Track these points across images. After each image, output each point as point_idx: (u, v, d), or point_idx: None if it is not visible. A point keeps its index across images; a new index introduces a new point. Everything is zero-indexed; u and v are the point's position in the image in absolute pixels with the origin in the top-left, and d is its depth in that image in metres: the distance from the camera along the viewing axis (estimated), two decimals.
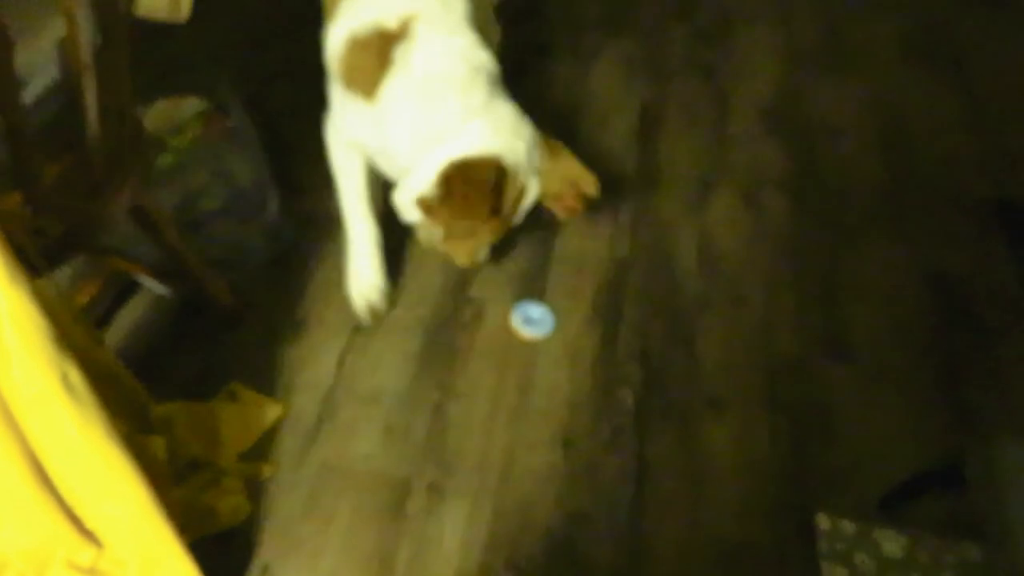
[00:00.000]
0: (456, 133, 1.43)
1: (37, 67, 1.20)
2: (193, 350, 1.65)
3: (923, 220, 2.03)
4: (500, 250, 1.83)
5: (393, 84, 1.45)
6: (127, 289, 1.73)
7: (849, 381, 1.67)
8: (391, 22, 1.45)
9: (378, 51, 1.45)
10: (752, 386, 1.66)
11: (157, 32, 1.38)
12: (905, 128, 2.30)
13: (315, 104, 2.17)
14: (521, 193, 1.50)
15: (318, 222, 1.89)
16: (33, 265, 1.10)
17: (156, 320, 1.68)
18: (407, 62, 1.44)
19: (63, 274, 1.63)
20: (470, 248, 1.55)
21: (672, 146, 2.17)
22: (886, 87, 2.44)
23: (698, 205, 2.02)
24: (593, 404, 1.61)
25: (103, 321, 1.66)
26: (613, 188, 2.04)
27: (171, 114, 1.64)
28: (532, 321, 1.72)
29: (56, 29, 1.20)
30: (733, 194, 2.05)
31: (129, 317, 1.69)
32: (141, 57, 1.28)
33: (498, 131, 1.45)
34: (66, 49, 1.11)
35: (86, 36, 1.09)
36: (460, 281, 1.82)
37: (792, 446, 1.57)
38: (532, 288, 1.81)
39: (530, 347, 1.70)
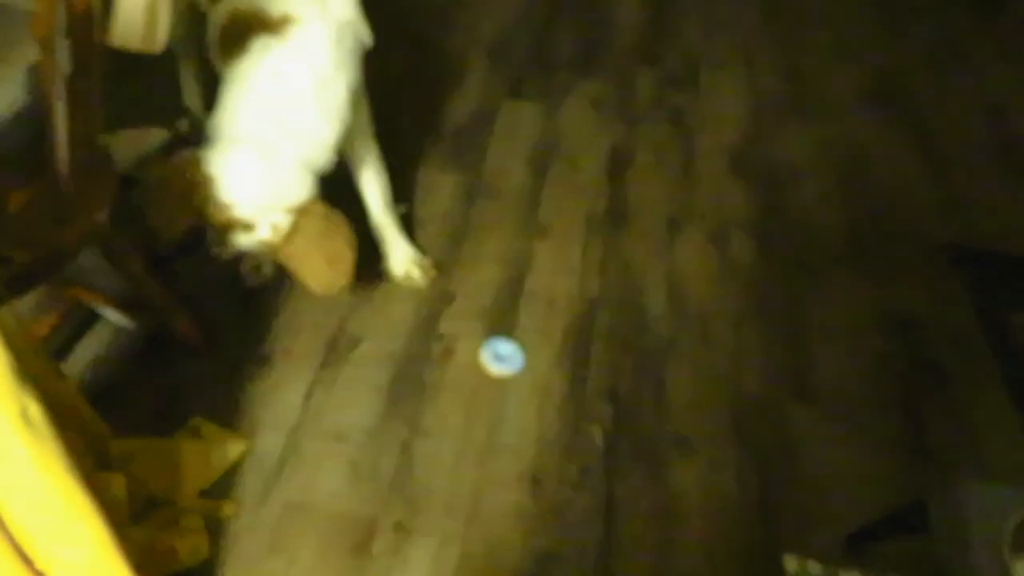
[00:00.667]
0: None
1: (5, 93, 1.18)
2: (155, 383, 1.61)
3: (884, 262, 2.07)
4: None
5: None
6: (88, 319, 1.69)
7: (814, 421, 1.69)
8: None
9: None
10: (719, 425, 1.67)
11: (126, 61, 1.37)
12: (865, 171, 2.36)
13: None
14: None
15: None
16: None
17: (118, 352, 1.64)
18: None
19: (24, 302, 1.59)
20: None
21: (641, 187, 2.20)
22: (846, 131, 2.51)
23: (666, 245, 2.04)
24: (562, 442, 1.61)
25: (63, 351, 1.62)
26: (584, 227, 2.06)
27: (137, 144, 1.62)
28: (502, 358, 1.72)
29: (26, 54, 1.19)
30: (701, 235, 2.08)
31: (90, 348, 1.65)
32: (109, 86, 1.27)
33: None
34: (38, 76, 1.09)
35: (59, 64, 1.08)
36: (430, 316, 1.81)
37: (759, 486, 1.57)
38: (502, 324, 1.81)
39: (499, 384, 1.69)
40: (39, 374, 1.04)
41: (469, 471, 1.54)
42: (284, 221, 1.39)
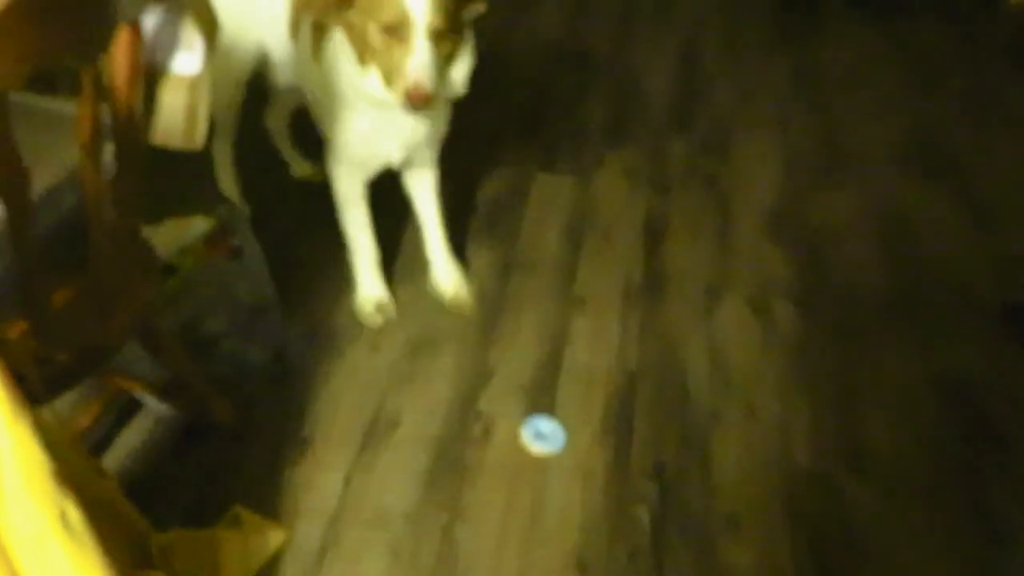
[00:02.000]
0: None
1: (49, 194, 1.21)
2: (195, 471, 1.60)
3: (934, 324, 2.02)
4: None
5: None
6: (128, 407, 1.70)
7: (870, 495, 1.62)
8: None
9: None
10: (771, 502, 1.61)
11: (168, 156, 1.40)
12: (907, 231, 2.32)
13: (319, 220, 2.20)
14: None
15: (324, 338, 1.87)
16: (34, 394, 1.08)
17: (158, 440, 1.64)
18: None
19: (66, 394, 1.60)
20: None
21: (677, 255, 2.18)
22: (884, 191, 2.48)
23: (706, 314, 2.01)
24: (608, 524, 1.56)
25: (104, 442, 1.62)
26: (621, 298, 2.04)
27: (179, 234, 1.65)
28: (543, 436, 1.69)
29: (69, 157, 1.22)
30: (740, 302, 2.04)
31: (131, 437, 1.65)
32: (151, 181, 1.30)
33: None
34: (80, 177, 1.12)
35: (100, 165, 1.10)
36: (469, 394, 1.79)
37: (815, 567, 1.50)
38: (541, 401, 1.78)
39: (541, 464, 1.65)
40: (79, 474, 1.04)
41: (512, 558, 1.50)
42: None
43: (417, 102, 1.49)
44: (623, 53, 3.17)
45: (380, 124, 1.71)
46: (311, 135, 2.28)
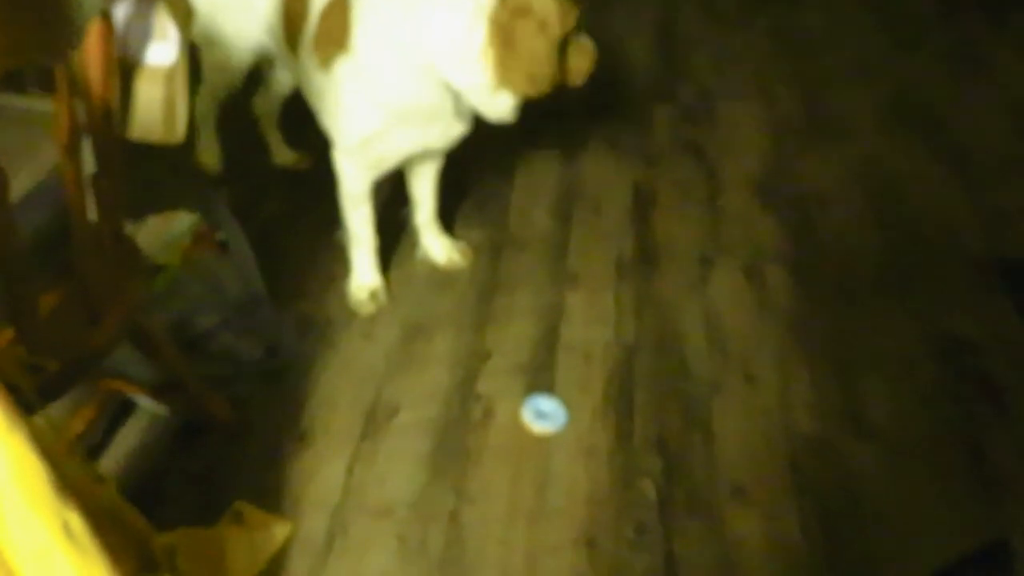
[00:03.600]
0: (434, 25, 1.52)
1: (28, 197, 1.18)
2: (194, 470, 1.58)
3: (926, 283, 2.02)
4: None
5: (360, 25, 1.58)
6: (123, 409, 1.67)
7: (874, 458, 1.62)
8: None
9: (340, 8, 1.61)
10: (775, 470, 1.61)
11: (147, 150, 1.37)
12: (895, 191, 2.31)
13: (306, 209, 2.17)
14: None
15: (317, 327, 1.85)
16: (28, 403, 1.05)
17: (155, 441, 1.61)
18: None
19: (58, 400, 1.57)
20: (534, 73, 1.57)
21: (668, 225, 2.17)
22: (871, 152, 2.47)
23: (700, 283, 2.00)
24: (614, 499, 1.55)
25: (100, 446, 1.59)
26: (614, 272, 2.03)
27: (162, 231, 1.62)
28: (544, 415, 1.68)
29: (47, 156, 1.18)
30: (734, 270, 2.03)
31: (127, 439, 1.62)
32: (132, 176, 1.26)
33: None
34: (60, 178, 1.09)
35: (80, 164, 1.07)
36: (467, 377, 1.77)
37: (823, 532, 1.50)
38: (540, 380, 1.77)
39: (544, 443, 1.65)
40: (78, 482, 1.01)
41: (520, 538, 1.49)
42: None
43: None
44: (600, 26, 3.10)
45: (412, 128, 1.68)
46: (294, 121, 2.25)
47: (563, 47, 1.57)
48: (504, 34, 1.50)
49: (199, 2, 1.83)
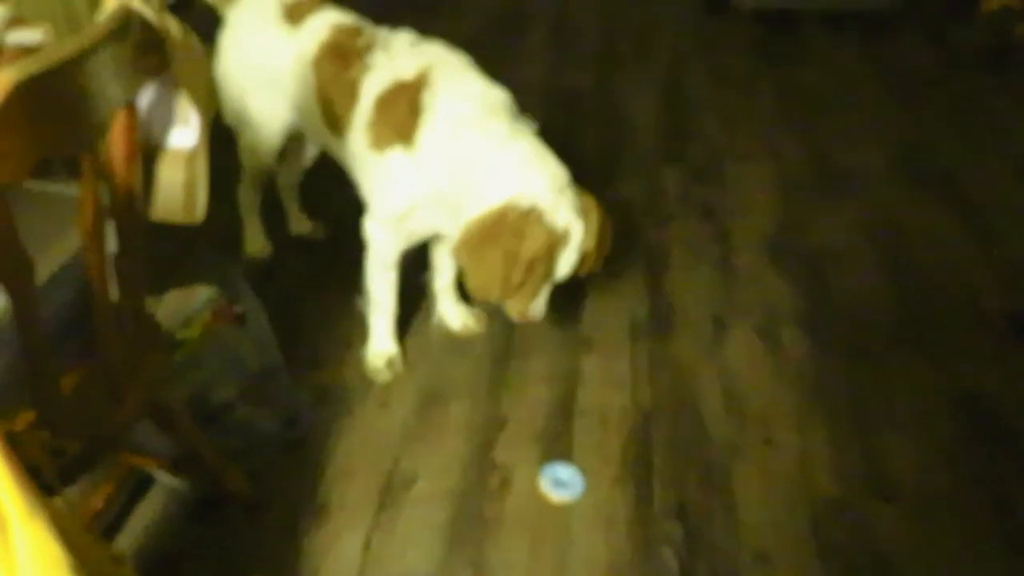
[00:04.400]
0: (482, 175, 1.55)
1: (52, 279, 1.20)
2: (212, 544, 1.57)
3: (944, 339, 2.01)
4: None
5: (429, 127, 1.59)
6: (140, 485, 1.67)
7: (897, 517, 1.59)
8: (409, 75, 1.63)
9: (407, 101, 1.61)
10: (798, 534, 1.58)
11: (164, 225, 1.40)
12: (907, 246, 2.32)
13: (326, 275, 2.20)
14: (559, 236, 1.55)
15: (334, 397, 1.86)
16: (48, 485, 1.06)
17: (172, 516, 1.61)
18: (434, 106, 1.59)
19: None
20: (520, 303, 1.63)
21: (681, 287, 2.18)
22: (881, 208, 2.48)
23: (715, 345, 1.99)
24: (635, 569, 1.53)
25: (118, 520, 1.59)
26: (628, 335, 2.03)
27: (182, 305, 1.64)
28: (562, 484, 1.66)
29: (70, 239, 1.21)
30: (748, 331, 2.03)
31: (144, 514, 1.62)
32: (151, 251, 1.29)
33: (521, 168, 1.56)
34: (83, 260, 1.11)
35: (103, 247, 1.10)
36: (484, 445, 1.76)
37: None
38: (557, 447, 1.76)
39: (562, 512, 1.63)
40: (96, 564, 1.01)
41: None
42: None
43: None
44: (608, 91, 3.20)
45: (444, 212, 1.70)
46: (309, 192, 2.30)
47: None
48: (474, 245, 1.55)
49: (228, 87, 1.90)
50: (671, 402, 1.85)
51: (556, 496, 1.65)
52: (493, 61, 1.80)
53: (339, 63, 1.71)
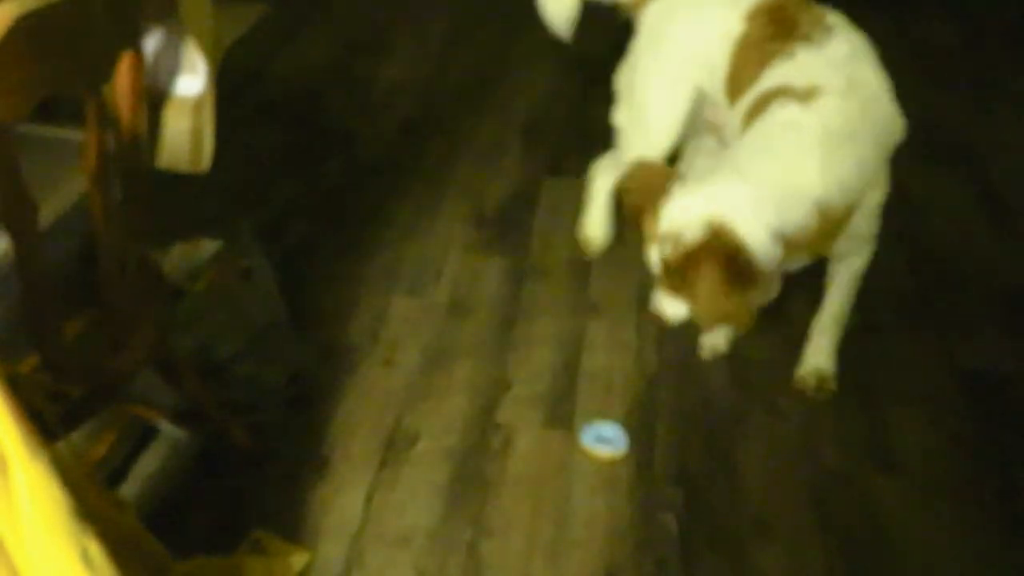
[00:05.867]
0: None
1: (56, 224, 1.20)
2: (214, 496, 1.58)
3: (956, 316, 1.98)
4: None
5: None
6: (144, 434, 1.68)
7: (900, 494, 1.59)
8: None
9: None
10: (799, 504, 1.58)
11: (172, 177, 1.39)
12: (922, 222, 2.29)
13: (329, 235, 2.19)
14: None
15: (339, 354, 1.86)
16: (50, 430, 1.06)
17: (175, 467, 1.62)
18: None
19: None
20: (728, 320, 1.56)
21: None
22: (895, 180, 2.43)
23: None
24: (635, 532, 1.53)
25: (121, 470, 1.60)
26: (636, 301, 2.02)
27: (188, 258, 1.64)
28: (606, 440, 1.67)
29: (76, 184, 1.20)
30: None
31: (147, 465, 1.63)
32: (158, 203, 1.28)
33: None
34: (87, 206, 1.10)
35: (108, 193, 1.09)
36: (487, 406, 1.76)
37: (847, 568, 1.47)
38: (561, 410, 1.75)
39: (563, 473, 1.63)
40: (98, 509, 1.02)
41: (539, 571, 1.47)
42: None
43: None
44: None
45: None
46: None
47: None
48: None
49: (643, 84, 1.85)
50: (676, 369, 1.84)
51: (601, 452, 1.65)
52: (506, 24, 1.77)
53: (775, 28, 1.61)
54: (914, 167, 2.49)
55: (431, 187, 2.41)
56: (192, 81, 1.22)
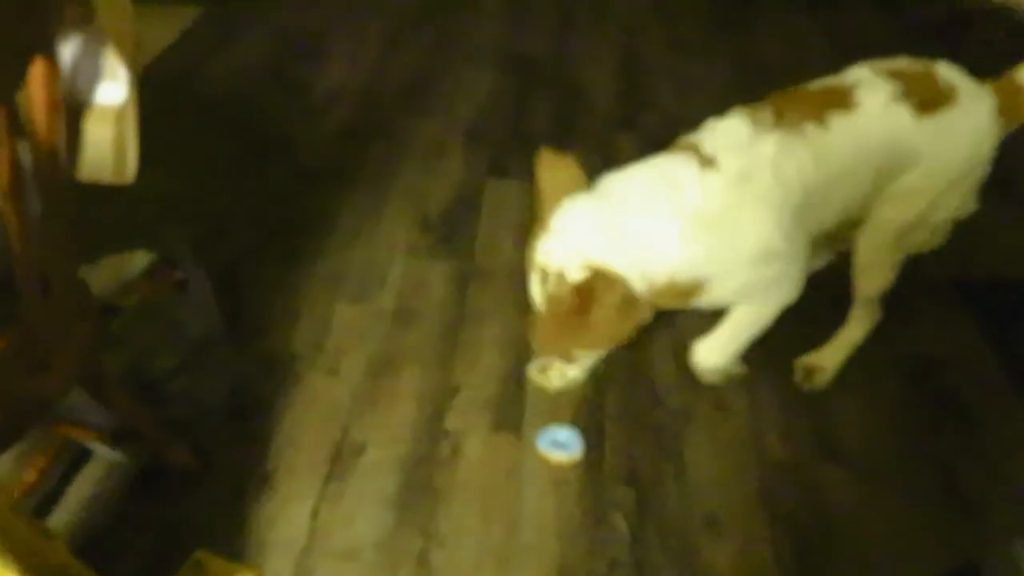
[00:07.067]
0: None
1: None
2: (154, 519, 1.53)
3: (891, 302, 2.02)
4: None
5: None
6: (78, 457, 1.61)
7: (845, 482, 1.61)
8: None
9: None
10: (748, 497, 1.59)
11: (103, 188, 1.34)
12: None
13: (268, 246, 2.14)
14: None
15: (282, 365, 1.81)
16: None
17: (111, 490, 1.56)
18: None
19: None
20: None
21: None
22: None
23: (669, 313, 1.98)
24: (585, 535, 1.52)
25: (54, 496, 1.54)
26: None
27: (118, 271, 1.58)
28: (560, 444, 1.66)
29: None
30: None
31: (82, 488, 1.57)
32: (85, 215, 1.23)
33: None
34: (2, 222, 1.05)
35: (24, 208, 1.04)
36: (435, 413, 1.74)
37: (797, 560, 1.49)
38: (509, 414, 1.74)
39: (513, 479, 1.62)
40: (23, 541, 0.97)
41: None
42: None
43: None
44: (563, 57, 3.15)
45: None
46: None
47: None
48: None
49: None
50: (624, 369, 1.84)
51: (557, 456, 1.64)
52: (446, 26, 1.75)
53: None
54: None
55: (373, 192, 2.37)
56: (113, 88, 1.17)
